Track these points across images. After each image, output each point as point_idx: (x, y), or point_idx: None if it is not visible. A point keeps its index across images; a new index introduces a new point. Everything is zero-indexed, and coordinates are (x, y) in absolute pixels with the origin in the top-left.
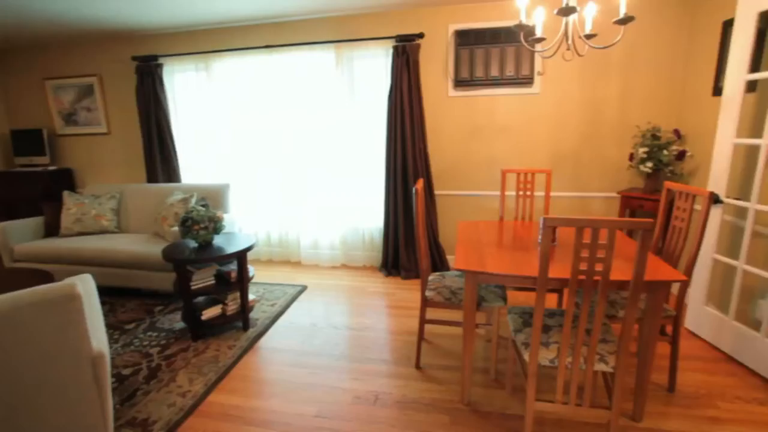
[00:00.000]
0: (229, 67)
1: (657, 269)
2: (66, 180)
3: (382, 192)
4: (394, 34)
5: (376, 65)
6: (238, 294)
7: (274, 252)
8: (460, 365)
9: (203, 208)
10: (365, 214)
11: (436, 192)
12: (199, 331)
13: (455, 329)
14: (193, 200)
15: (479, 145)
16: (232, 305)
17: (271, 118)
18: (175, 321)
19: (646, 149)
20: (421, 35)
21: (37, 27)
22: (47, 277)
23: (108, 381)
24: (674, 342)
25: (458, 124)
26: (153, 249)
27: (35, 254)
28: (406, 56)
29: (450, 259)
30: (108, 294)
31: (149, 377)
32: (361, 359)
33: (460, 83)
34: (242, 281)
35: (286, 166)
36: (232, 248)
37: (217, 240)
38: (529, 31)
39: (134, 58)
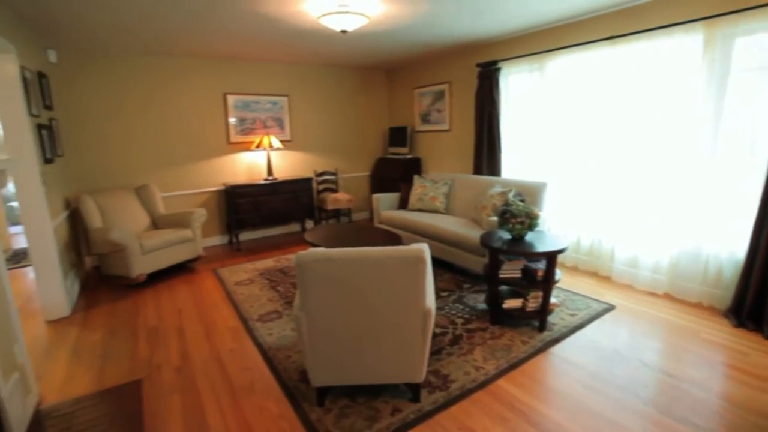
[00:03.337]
0: (563, 65)
1: None
2: (416, 166)
3: (747, 208)
4: None
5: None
6: (540, 294)
7: (581, 260)
8: None
9: (522, 203)
10: (712, 235)
11: None
12: (498, 316)
13: None
14: (511, 194)
15: None
16: (533, 303)
17: (601, 116)
18: (478, 301)
19: None
20: None
21: (415, 50)
22: (398, 239)
23: (430, 333)
24: None
25: None
26: (471, 233)
27: (391, 220)
28: None
29: None
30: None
31: (452, 342)
32: (679, 418)
33: None
34: (548, 282)
35: (611, 168)
36: (543, 247)
37: (529, 236)
38: None
39: (478, 65)
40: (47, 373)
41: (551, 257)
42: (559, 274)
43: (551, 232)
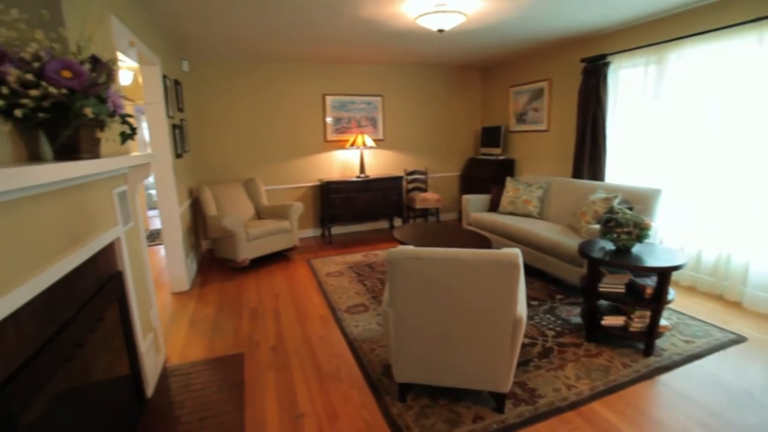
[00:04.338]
0: (689, 55)
1: None
2: (509, 168)
3: None
4: None
5: None
6: (648, 313)
7: (700, 279)
8: None
9: (630, 212)
10: None
11: None
12: (594, 333)
13: None
14: (616, 201)
15: None
16: (638, 322)
17: (738, 112)
18: (572, 314)
19: None
20: None
21: (513, 47)
22: (487, 243)
23: (519, 343)
24: None
25: None
26: (567, 241)
27: (480, 222)
28: None
29: None
30: None
31: (542, 355)
32: None
33: None
34: (658, 301)
35: (748, 173)
36: (653, 261)
37: (637, 248)
38: None
39: (583, 60)
40: (171, 338)
41: (664, 274)
42: (672, 293)
43: (663, 244)
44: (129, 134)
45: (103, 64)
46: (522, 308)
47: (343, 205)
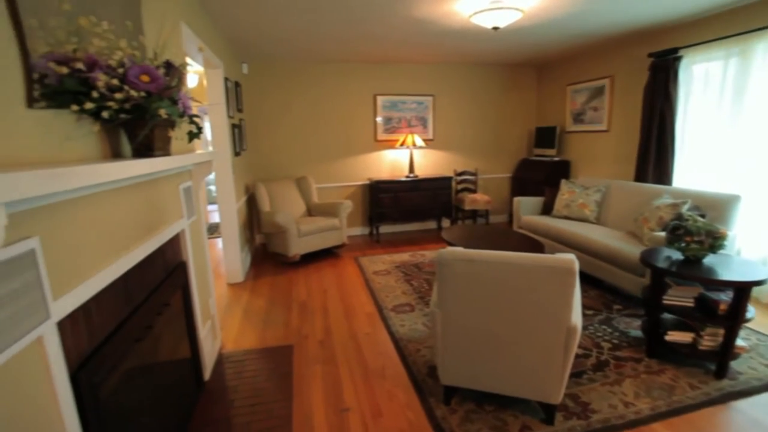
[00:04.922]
0: None
1: None
2: (564, 169)
3: None
4: None
5: None
6: (722, 331)
7: None
8: None
9: (701, 219)
10: None
11: None
12: (657, 348)
13: None
14: (685, 207)
15: None
16: (709, 341)
17: None
18: (631, 326)
19: None
20: None
21: (573, 42)
22: (540, 247)
23: (573, 353)
24: None
25: None
26: (627, 248)
27: (531, 225)
28: None
29: None
30: None
31: (596, 367)
32: None
33: None
34: (734, 319)
35: None
36: (730, 275)
37: (709, 259)
38: None
39: (650, 55)
40: (226, 326)
41: (743, 289)
42: (752, 311)
43: (741, 256)
44: (196, 133)
45: (176, 69)
46: (577, 316)
47: (391, 204)
